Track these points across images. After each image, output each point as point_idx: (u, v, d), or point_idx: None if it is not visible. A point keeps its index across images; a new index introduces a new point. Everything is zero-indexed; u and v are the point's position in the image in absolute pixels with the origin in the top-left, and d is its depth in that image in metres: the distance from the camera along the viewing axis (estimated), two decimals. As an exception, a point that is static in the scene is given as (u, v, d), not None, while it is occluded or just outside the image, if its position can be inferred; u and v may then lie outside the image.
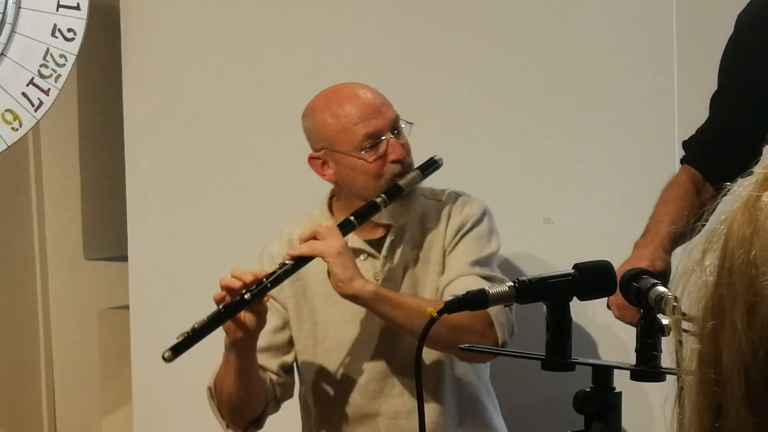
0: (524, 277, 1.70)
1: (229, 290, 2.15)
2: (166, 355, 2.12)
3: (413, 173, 2.31)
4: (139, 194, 3.22)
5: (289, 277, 2.21)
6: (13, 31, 3.16)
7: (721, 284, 0.71)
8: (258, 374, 2.29)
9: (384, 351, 2.35)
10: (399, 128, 2.32)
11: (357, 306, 2.25)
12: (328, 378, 2.38)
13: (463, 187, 2.45)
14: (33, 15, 3.16)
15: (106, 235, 3.75)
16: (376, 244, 2.36)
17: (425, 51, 2.95)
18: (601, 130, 2.83)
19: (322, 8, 3.04)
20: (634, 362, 1.61)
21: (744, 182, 0.73)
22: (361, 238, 2.35)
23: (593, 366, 1.66)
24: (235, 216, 3.10)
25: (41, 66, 3.16)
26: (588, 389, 1.64)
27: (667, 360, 1.60)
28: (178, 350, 2.12)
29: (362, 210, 2.26)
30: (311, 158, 2.35)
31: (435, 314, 1.68)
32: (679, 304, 0.77)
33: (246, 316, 2.17)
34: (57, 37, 3.16)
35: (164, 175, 3.20)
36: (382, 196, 2.27)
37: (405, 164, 2.31)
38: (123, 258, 3.34)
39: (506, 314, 2.26)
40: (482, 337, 2.21)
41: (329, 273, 2.20)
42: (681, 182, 2.29)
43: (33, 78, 3.17)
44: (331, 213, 2.40)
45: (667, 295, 1.57)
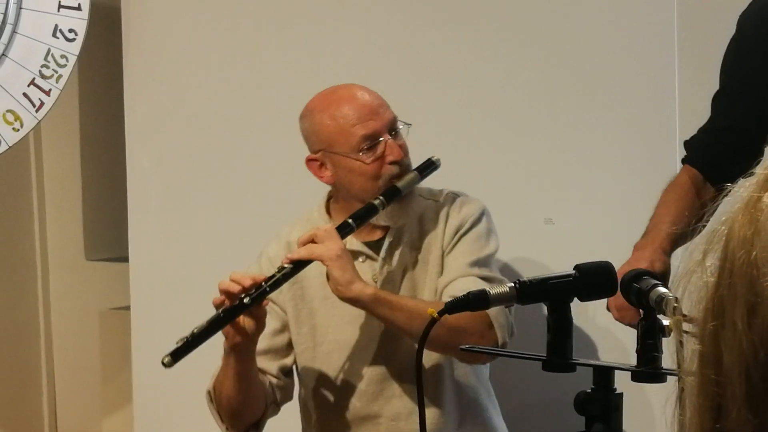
0: (525, 278, 1.70)
1: (228, 294, 2.14)
2: (165, 361, 2.11)
3: (411, 174, 2.30)
4: (140, 195, 3.22)
5: (288, 280, 2.20)
6: (14, 32, 3.16)
7: (721, 285, 0.71)
8: (257, 378, 2.28)
9: (383, 353, 2.34)
10: (397, 129, 2.31)
11: (356, 308, 2.24)
12: (327, 380, 2.37)
13: (463, 188, 2.45)
14: (34, 15, 3.16)
15: (107, 236, 3.75)
16: (375, 246, 2.35)
17: (425, 51, 2.94)
18: (601, 131, 2.83)
19: (322, 8, 3.04)
20: (635, 363, 1.61)
21: (745, 183, 0.73)
22: (359, 240, 2.34)
23: (594, 367, 1.66)
24: (235, 216, 3.10)
25: (42, 66, 3.16)
26: (589, 390, 1.64)
27: (668, 361, 1.61)
28: (177, 355, 2.11)
29: (360, 212, 2.25)
30: (309, 160, 2.34)
31: (436, 315, 1.68)
32: (679, 305, 0.77)
33: (245, 320, 2.16)
34: (58, 38, 3.16)
35: (165, 176, 3.20)
36: (380, 198, 2.26)
37: (403, 165, 2.30)
38: (124, 259, 3.34)
39: (506, 315, 2.25)
40: (482, 339, 2.20)
41: (328, 276, 2.19)
42: (681, 183, 2.29)
43: (34, 78, 3.17)
44: (329, 215, 2.39)
45: (667, 296, 1.57)
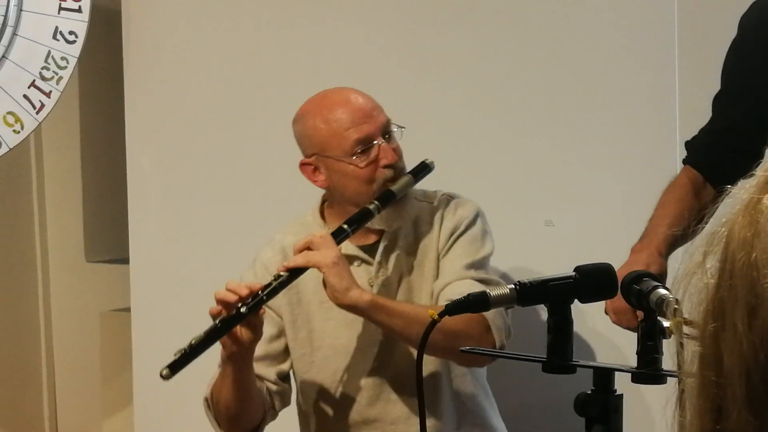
0: (525, 280, 1.70)
1: (225, 304, 2.13)
2: (163, 373, 2.08)
3: (405, 178, 2.29)
4: (141, 196, 3.22)
5: (284, 288, 2.18)
6: (14, 34, 3.16)
7: (722, 287, 0.71)
8: (255, 385, 2.27)
9: (381, 357, 2.33)
10: (390, 132, 2.30)
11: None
12: (325, 385, 2.37)
13: (463, 189, 2.45)
14: (34, 17, 3.16)
15: (108, 237, 3.75)
16: (370, 250, 2.34)
17: (425, 51, 2.94)
18: (602, 132, 2.83)
19: (322, 9, 3.04)
20: (635, 365, 1.61)
21: (745, 185, 0.73)
22: (354, 244, 2.33)
23: (594, 368, 1.66)
24: (236, 218, 3.09)
25: (43, 68, 3.16)
26: (589, 392, 1.64)
27: (669, 363, 1.61)
28: (175, 367, 2.09)
29: (355, 217, 2.24)
30: (302, 164, 2.33)
31: (436, 316, 1.67)
32: (680, 306, 0.77)
33: (242, 329, 2.15)
34: (58, 40, 3.16)
35: (165, 177, 3.20)
36: (375, 202, 2.24)
37: (397, 169, 2.29)
38: (124, 260, 3.34)
39: (503, 317, 2.25)
40: (480, 342, 2.20)
41: (325, 284, 2.18)
42: (681, 184, 2.29)
43: (34, 80, 3.17)
44: (323, 219, 2.38)
45: (668, 297, 1.57)
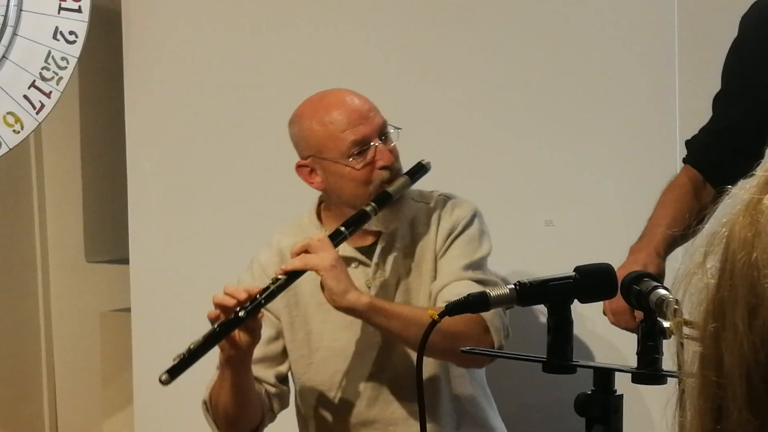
0: (525, 280, 1.70)
1: (223, 308, 2.12)
2: (162, 378, 2.08)
3: (402, 179, 2.28)
4: (141, 196, 3.22)
5: (282, 291, 2.18)
6: (14, 34, 3.16)
7: (722, 287, 0.71)
8: (254, 388, 2.27)
9: (379, 359, 2.33)
10: (387, 134, 2.29)
11: None
12: (324, 387, 2.36)
13: (463, 190, 2.45)
14: (34, 17, 3.16)
15: (108, 238, 3.75)
16: (367, 251, 2.34)
17: (426, 52, 2.94)
18: (602, 132, 2.83)
19: (322, 10, 3.04)
20: (635, 365, 1.61)
21: (745, 185, 0.73)
22: (352, 246, 2.32)
23: (594, 368, 1.66)
24: (236, 219, 3.09)
25: (43, 68, 3.16)
26: (589, 392, 1.64)
27: (669, 363, 1.61)
28: (174, 373, 2.09)
29: (352, 219, 2.23)
30: (299, 166, 2.32)
31: (436, 317, 1.67)
32: (680, 306, 0.77)
33: (240, 333, 2.14)
34: (58, 40, 3.16)
35: (166, 178, 3.20)
36: (372, 204, 2.24)
37: (393, 170, 2.28)
38: (124, 260, 3.34)
39: (501, 318, 2.24)
40: (478, 343, 2.19)
41: (323, 286, 2.18)
42: (681, 184, 2.29)
43: (34, 80, 3.17)
44: (320, 220, 2.38)
45: (668, 297, 1.57)
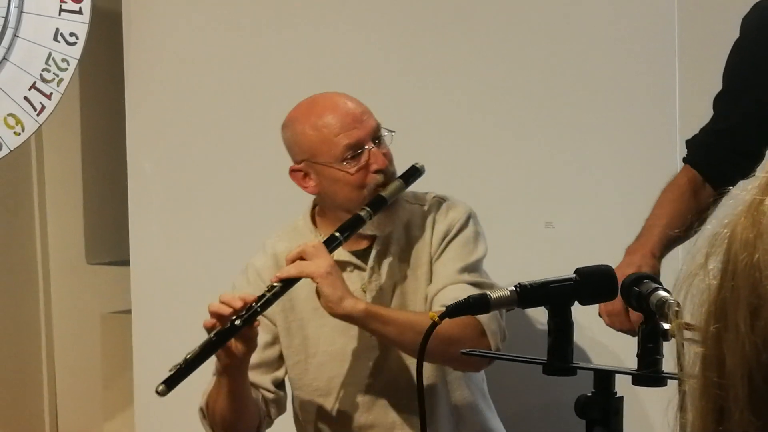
0: (525, 282, 1.70)
1: (219, 317, 2.11)
2: (159, 389, 2.05)
3: (396, 183, 2.27)
4: (142, 198, 3.22)
5: (278, 299, 2.17)
6: (15, 36, 3.16)
7: (724, 288, 0.71)
8: (250, 394, 2.26)
9: (376, 363, 2.32)
10: (380, 137, 2.28)
11: None
12: (321, 391, 2.36)
13: (464, 191, 2.44)
14: (35, 19, 3.17)
15: (109, 240, 3.75)
16: (362, 255, 2.33)
17: (425, 53, 2.94)
18: (602, 133, 2.82)
19: (322, 11, 3.04)
20: (635, 367, 1.61)
21: (747, 185, 0.73)
22: (347, 250, 2.31)
23: (595, 371, 1.66)
24: (237, 220, 3.09)
25: (43, 70, 3.16)
26: (589, 394, 1.64)
27: (669, 364, 1.60)
28: (171, 383, 2.06)
29: (347, 224, 2.22)
30: (292, 170, 2.30)
31: (436, 319, 1.67)
32: (681, 308, 0.77)
33: (236, 342, 2.13)
34: (59, 42, 3.17)
35: (166, 179, 3.20)
36: (367, 208, 2.22)
37: (387, 174, 2.27)
38: (125, 262, 3.34)
39: (497, 321, 2.24)
40: (475, 347, 2.18)
41: (318, 294, 2.17)
42: (680, 184, 2.29)
43: (35, 82, 3.17)
44: (315, 224, 2.37)
45: (669, 299, 1.57)
